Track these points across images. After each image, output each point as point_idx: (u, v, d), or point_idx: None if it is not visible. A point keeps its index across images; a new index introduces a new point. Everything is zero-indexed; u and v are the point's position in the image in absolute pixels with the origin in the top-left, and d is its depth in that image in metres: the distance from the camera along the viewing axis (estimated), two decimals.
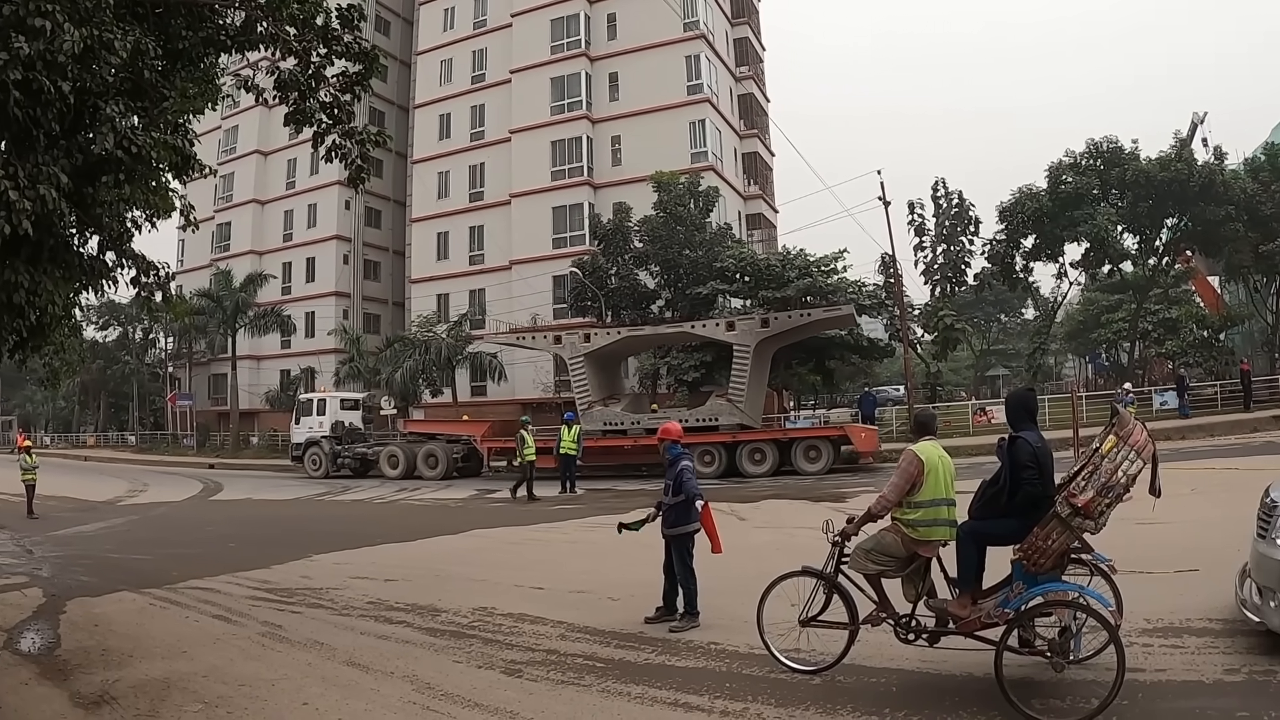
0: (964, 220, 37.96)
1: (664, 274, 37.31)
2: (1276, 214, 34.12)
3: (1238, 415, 29.90)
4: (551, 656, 7.18)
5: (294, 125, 8.48)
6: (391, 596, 9.88)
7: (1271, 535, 5.91)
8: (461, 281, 47.05)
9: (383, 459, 29.82)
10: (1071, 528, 5.39)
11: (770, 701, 5.80)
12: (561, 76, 45.42)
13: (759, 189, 48.56)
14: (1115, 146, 34.75)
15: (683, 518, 8.15)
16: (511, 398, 42.34)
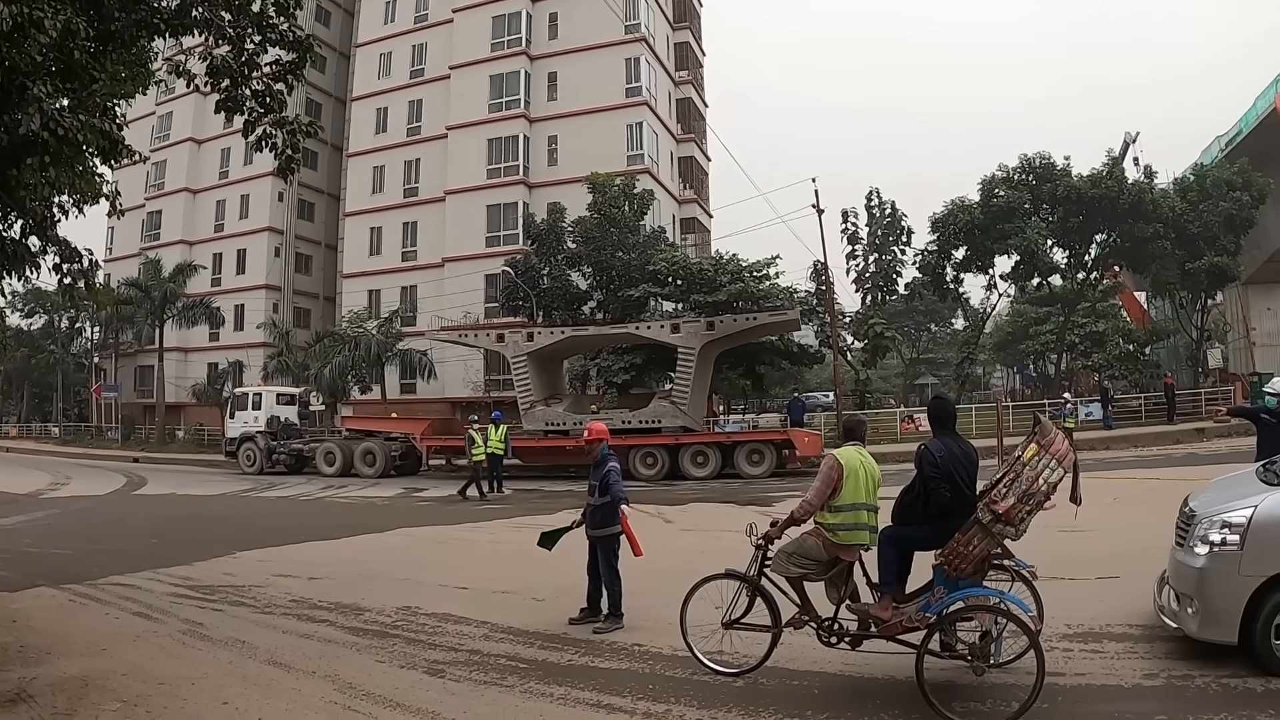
0: (896, 230, 38.33)
1: (596, 275, 37.05)
2: (1203, 233, 34.81)
3: (1161, 427, 30.50)
4: (475, 657, 7.15)
5: (225, 113, 8.28)
6: (315, 595, 9.79)
7: (1189, 544, 6.12)
8: (394, 278, 46.34)
9: (319, 456, 29.18)
10: (993, 534, 5.47)
11: (693, 703, 5.83)
12: (501, 74, 45.05)
13: (694, 193, 48.57)
14: (1048, 162, 35.21)
15: (609, 519, 8.14)
16: (441, 396, 41.86)
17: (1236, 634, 5.78)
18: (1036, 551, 6.39)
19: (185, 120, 53.86)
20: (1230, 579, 5.80)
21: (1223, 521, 5.96)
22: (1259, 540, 5.78)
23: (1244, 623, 5.75)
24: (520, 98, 44.41)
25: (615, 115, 42.65)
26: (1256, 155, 38.54)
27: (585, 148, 41.56)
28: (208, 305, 46.53)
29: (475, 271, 41.88)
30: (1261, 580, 5.72)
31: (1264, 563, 5.74)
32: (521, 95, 44.43)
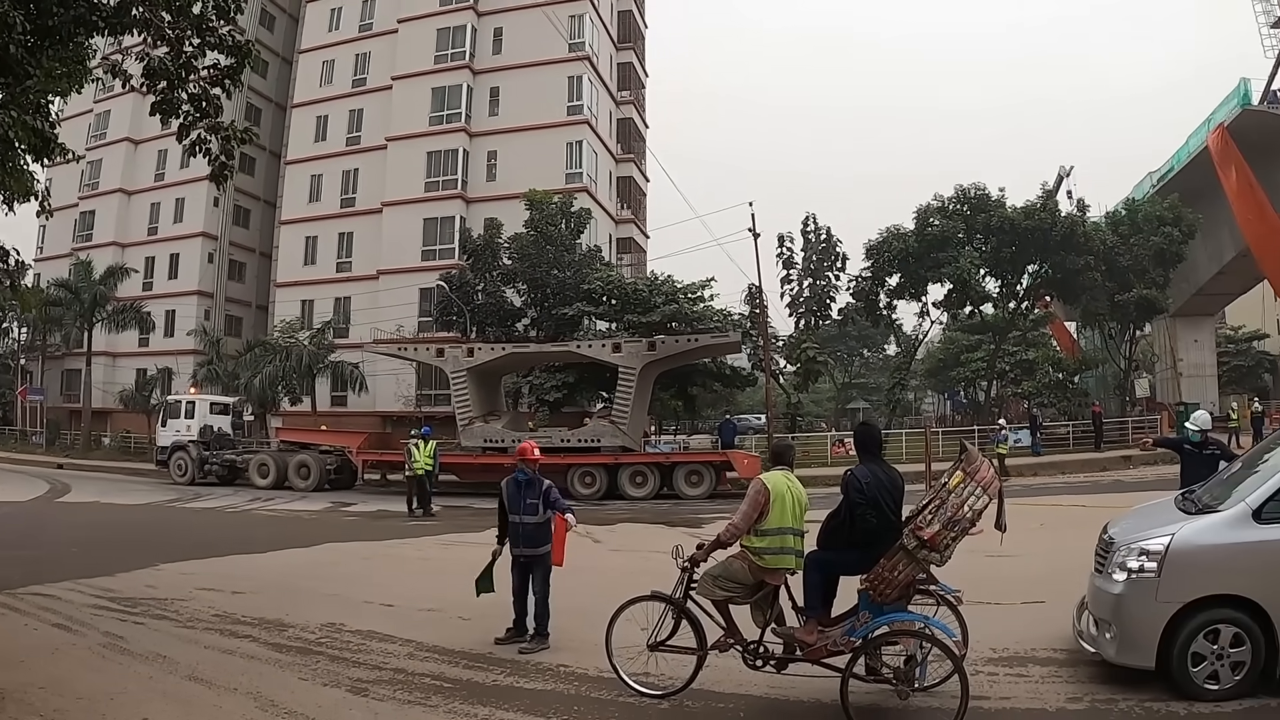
0: (831, 256, 38.50)
1: (531, 293, 36.79)
2: (1133, 266, 35.54)
3: (1089, 454, 31.00)
4: (399, 675, 7.07)
5: (161, 115, 8.13)
6: (238, 609, 9.64)
7: (1108, 570, 6.33)
8: (327, 288, 45.59)
9: (252, 467, 28.46)
10: (918, 560, 5.56)
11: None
12: (443, 87, 44.68)
13: (631, 213, 48.51)
14: (982, 193, 35.49)
15: (545, 537, 8.13)
16: (372, 409, 41.25)
17: (1154, 659, 5.95)
18: (963, 576, 6.44)
19: (123, 120, 52.40)
20: (1148, 605, 6.00)
21: (1140, 549, 6.14)
22: (1175, 567, 5.98)
23: (1161, 647, 5.92)
24: (462, 111, 44.05)
25: (556, 133, 42.47)
26: (1187, 191, 39.52)
27: (525, 164, 41.30)
28: (138, 309, 45.30)
29: (410, 285, 41.37)
30: (1178, 606, 5.90)
31: (1180, 589, 5.94)
32: (463, 109, 44.09)
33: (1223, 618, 5.86)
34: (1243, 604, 5.85)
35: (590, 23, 44.59)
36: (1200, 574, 5.98)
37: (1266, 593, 5.79)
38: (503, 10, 45.24)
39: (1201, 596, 5.91)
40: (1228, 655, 5.85)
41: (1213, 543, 6.03)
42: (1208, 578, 5.96)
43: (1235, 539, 5.96)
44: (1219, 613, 5.87)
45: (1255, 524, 5.95)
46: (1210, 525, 6.15)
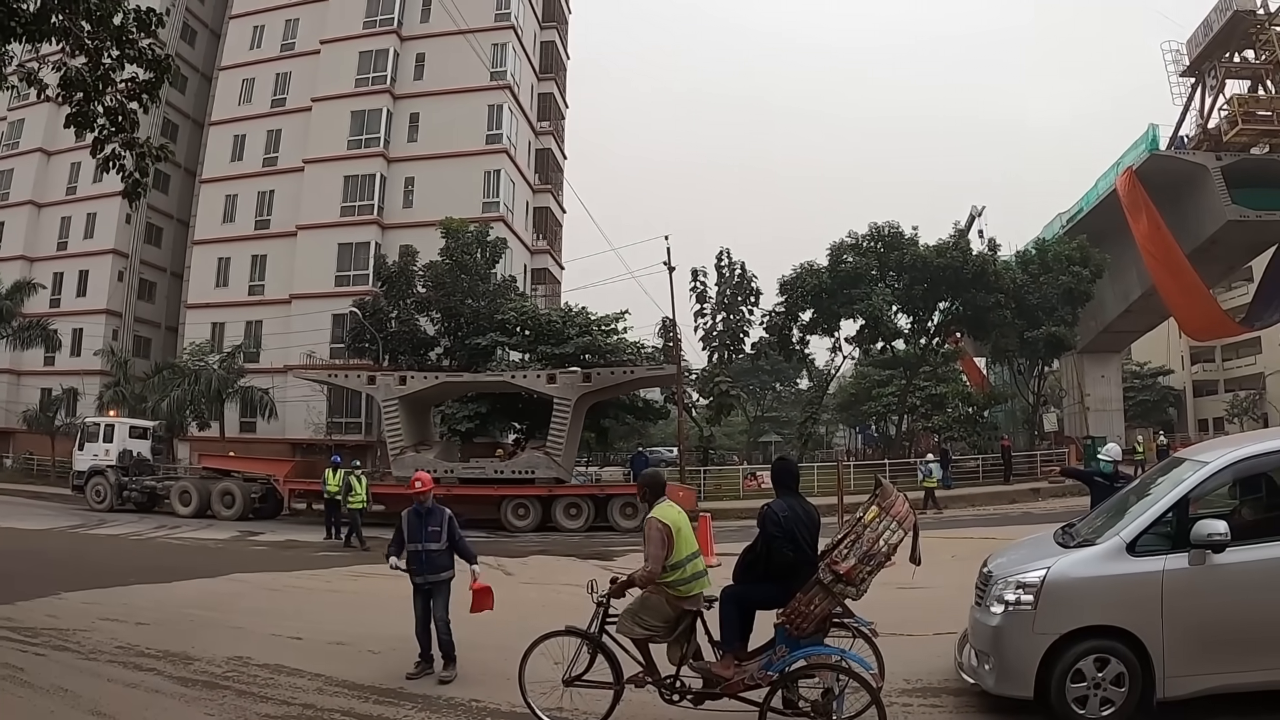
0: (745, 290, 38.74)
1: (445, 321, 36.40)
2: (1042, 304, 36.37)
3: (998, 487, 31.64)
4: (308, 711, 6.91)
5: (75, 128, 7.93)
6: (142, 641, 9.31)
7: (986, 603, 6.46)
8: (239, 311, 44.35)
9: (174, 495, 27.39)
10: (834, 594, 5.63)
11: None
12: (363, 111, 44.19)
13: (547, 244, 48.48)
14: (896, 231, 36.06)
15: (447, 563, 8.16)
16: (282, 436, 40.38)
17: (1032, 688, 6.06)
18: (877, 608, 6.51)
19: (37, 130, 50.49)
20: (1025, 636, 6.11)
21: (1018, 582, 6.26)
22: (1051, 599, 6.10)
23: (1039, 678, 6.02)
24: (380, 136, 43.63)
25: (474, 161, 42.30)
26: (1095, 232, 40.76)
27: (442, 191, 41.05)
28: (44, 327, 43.61)
29: (323, 310, 40.70)
30: (1055, 638, 6.01)
31: (1056, 621, 6.06)
32: (382, 134, 43.67)
33: (1099, 648, 5.99)
34: (1119, 634, 5.99)
35: (513, 52, 44.55)
36: (1076, 606, 6.11)
37: (1141, 623, 5.94)
38: (426, 36, 44.94)
39: (1078, 628, 6.04)
40: (1105, 685, 5.99)
41: (1087, 575, 6.18)
42: (1083, 609, 6.10)
43: (1109, 571, 6.12)
44: (1095, 643, 6.00)
45: (1129, 556, 6.11)
46: (1085, 558, 6.29)
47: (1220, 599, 5.94)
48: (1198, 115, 42.70)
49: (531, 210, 47.68)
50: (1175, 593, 5.91)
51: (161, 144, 8.42)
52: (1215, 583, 5.93)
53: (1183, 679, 5.93)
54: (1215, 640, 5.93)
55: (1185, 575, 5.93)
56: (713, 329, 38.61)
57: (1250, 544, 6.01)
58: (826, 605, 5.69)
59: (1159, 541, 6.13)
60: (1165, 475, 6.93)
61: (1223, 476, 6.46)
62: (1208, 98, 42.38)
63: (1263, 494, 6.93)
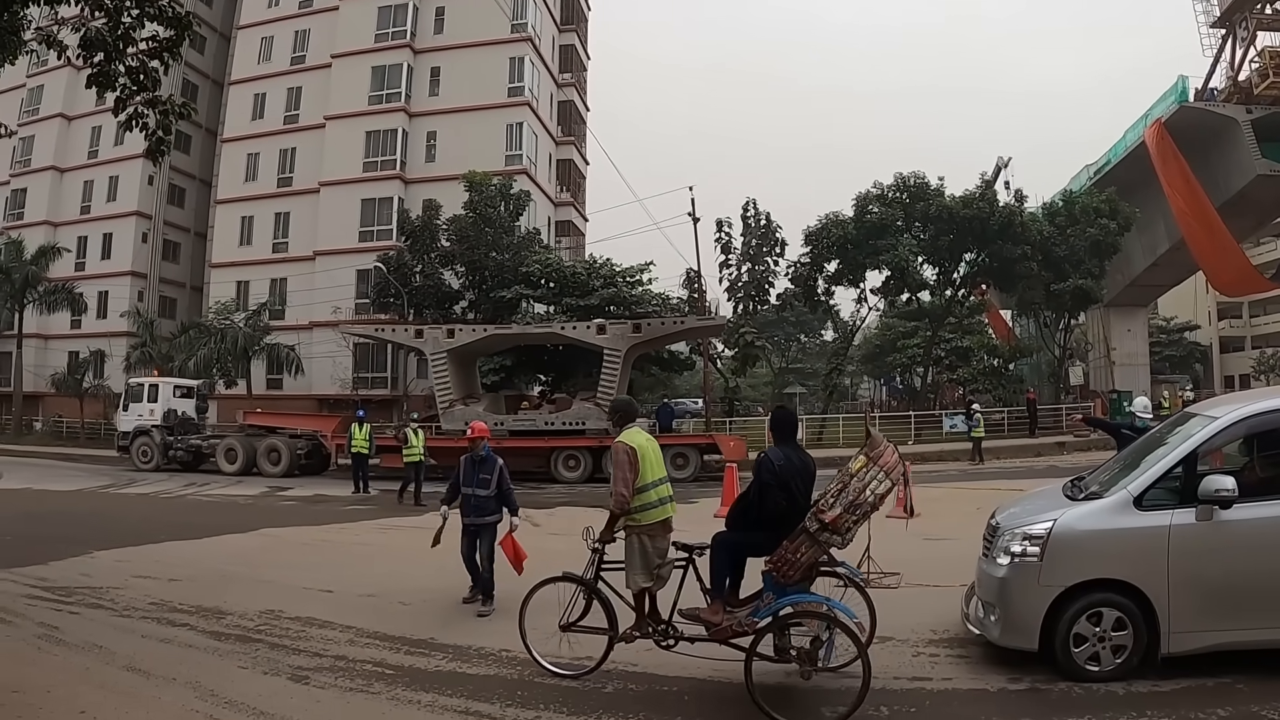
0: (770, 241, 38.36)
1: (469, 275, 36.47)
2: (1069, 256, 35.89)
3: (1023, 440, 31.43)
4: (340, 663, 6.94)
5: (97, 89, 7.84)
6: (175, 597, 9.35)
7: (993, 555, 6.47)
8: (263, 269, 44.61)
9: (220, 452, 27.43)
10: (819, 542, 5.65)
11: (562, 710, 5.78)
12: (383, 66, 43.96)
13: (571, 196, 48.37)
14: (921, 181, 35.60)
15: (493, 508, 8.65)
16: (308, 392, 40.60)
17: (1037, 641, 6.08)
18: (904, 559, 6.61)
19: (56, 95, 50.70)
20: (1030, 589, 6.13)
21: (1024, 534, 6.25)
22: (1057, 552, 6.10)
23: (1044, 630, 6.05)
24: (401, 91, 43.44)
25: (496, 114, 42.07)
26: (1124, 185, 40.09)
27: (464, 145, 40.90)
28: (70, 290, 44.11)
29: (347, 266, 40.77)
30: (1060, 590, 6.03)
31: (1062, 573, 6.07)
32: (403, 88, 43.48)
33: (1104, 601, 6.00)
34: (1124, 588, 5.98)
35: (533, 3, 44.23)
36: (1081, 559, 6.11)
37: (1146, 577, 5.94)
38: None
39: (1083, 581, 6.04)
40: (1110, 638, 5.99)
41: (1094, 528, 6.16)
42: (1089, 562, 6.10)
43: (1116, 525, 6.10)
44: (1101, 596, 6.01)
45: (1136, 511, 6.08)
46: (1092, 511, 6.27)
47: (1227, 556, 5.92)
48: (1228, 67, 41.72)
49: (554, 162, 47.53)
50: (1182, 548, 5.91)
51: (183, 101, 8.34)
52: (1222, 539, 5.91)
53: (1188, 635, 5.93)
54: (1221, 597, 5.91)
55: (1192, 531, 5.91)
56: (738, 280, 38.32)
57: (1259, 501, 5.99)
58: (813, 553, 5.72)
59: (1166, 496, 6.11)
60: (1175, 430, 6.87)
61: (1232, 432, 6.43)
62: (1238, 50, 41.46)
63: (1274, 451, 6.81)
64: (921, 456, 27.42)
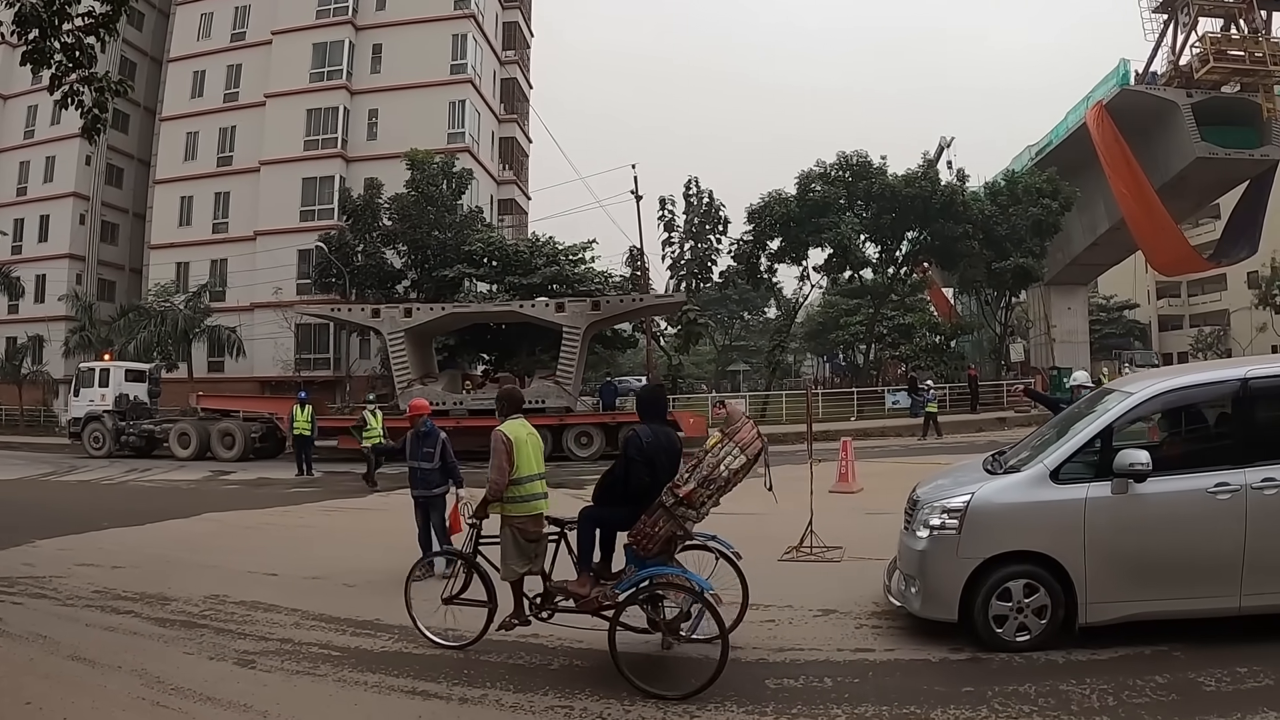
0: (713, 219, 38.56)
1: (411, 254, 36.25)
2: (1010, 235, 36.31)
3: (965, 416, 31.86)
4: (286, 645, 6.98)
5: (31, 65, 7.75)
6: (119, 585, 9.32)
7: (913, 528, 6.62)
8: (203, 250, 43.80)
9: (173, 437, 26.81)
10: (675, 516, 5.77)
11: (509, 688, 5.84)
12: (325, 43, 43.38)
13: (513, 174, 48.19)
14: (864, 160, 35.81)
15: (438, 480, 8.88)
16: (250, 374, 40.16)
17: (956, 612, 6.22)
18: (847, 534, 7.12)
19: None
20: (949, 560, 6.26)
21: (943, 508, 6.40)
22: (974, 525, 6.23)
23: (963, 601, 6.19)
24: (343, 68, 42.95)
25: (438, 92, 41.84)
26: (1065, 165, 40.67)
27: (406, 123, 40.48)
28: (7, 274, 43.17)
29: (288, 246, 40.26)
30: (978, 562, 6.15)
31: (980, 545, 6.19)
32: (344, 66, 42.97)
33: (1022, 573, 6.11)
34: (1042, 560, 6.09)
35: None
36: (999, 531, 6.22)
37: (1063, 549, 6.05)
38: None
39: (1001, 553, 6.15)
40: (1027, 609, 6.11)
41: (1011, 501, 6.30)
42: (1006, 535, 6.21)
43: (1032, 498, 6.22)
44: (1019, 568, 6.12)
45: (1052, 484, 6.20)
46: (1009, 484, 6.40)
47: (1141, 528, 6.04)
48: (1169, 52, 42.40)
49: (497, 140, 47.30)
50: (1097, 521, 6.03)
51: (119, 79, 8.26)
52: (1136, 512, 6.03)
53: (1104, 605, 6.06)
54: (1135, 568, 6.05)
55: (1108, 503, 6.04)
56: (680, 258, 38.49)
57: (1171, 475, 6.11)
58: (670, 527, 5.81)
59: (1083, 470, 6.23)
60: (1094, 406, 6.99)
61: (1145, 408, 6.54)
62: (1180, 34, 42.13)
63: (1182, 426, 7.05)
64: (864, 432, 27.75)
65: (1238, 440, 6.27)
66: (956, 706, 5.23)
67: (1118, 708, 5.16)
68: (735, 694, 5.51)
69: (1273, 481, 5.92)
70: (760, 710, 5.29)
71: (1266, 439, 6.18)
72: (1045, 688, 5.47)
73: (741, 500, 6.70)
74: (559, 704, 5.51)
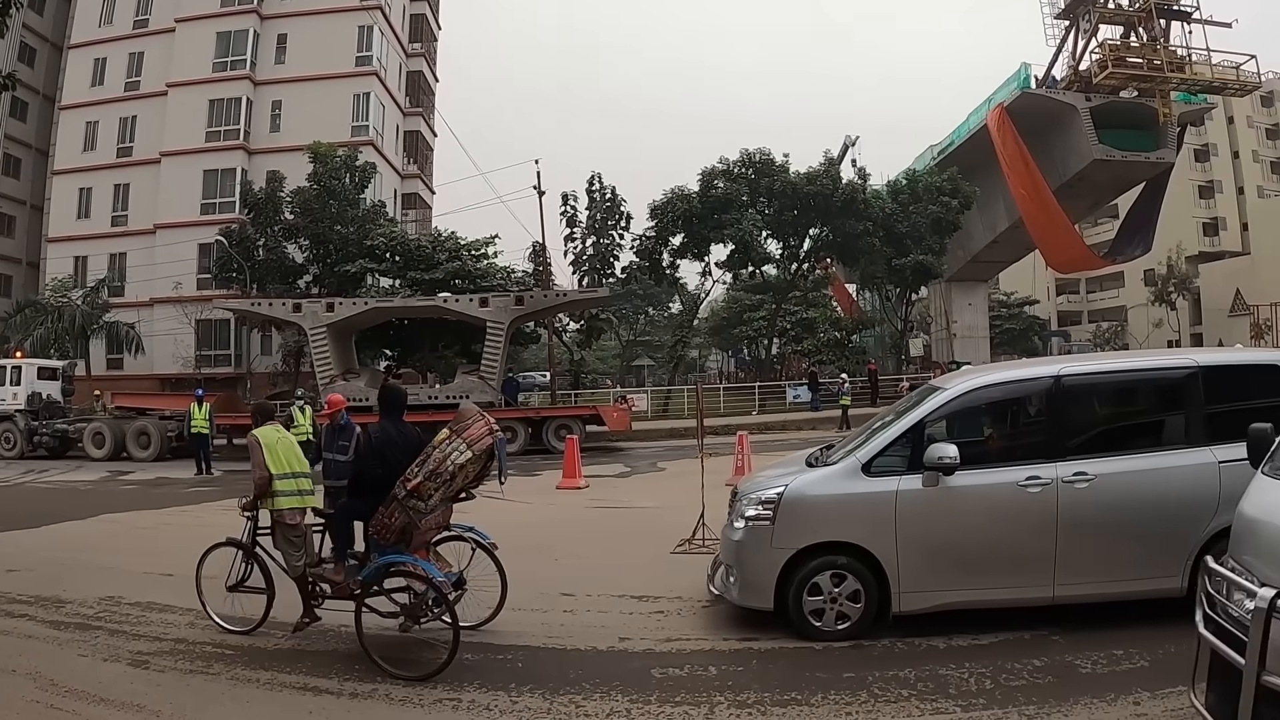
0: (616, 215, 38.81)
1: (314, 248, 35.97)
2: (910, 233, 37.30)
3: (866, 410, 32.35)
4: (180, 645, 7.00)
5: None
6: (13, 588, 9.15)
7: (732, 519, 6.83)
8: (103, 243, 42.78)
9: (87, 437, 26.06)
10: (407, 508, 6.06)
11: (398, 682, 5.91)
12: (229, 32, 42.62)
13: (418, 168, 48.06)
14: (767, 158, 36.40)
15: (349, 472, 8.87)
16: (150, 372, 39.38)
17: (772, 601, 6.41)
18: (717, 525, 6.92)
19: None
20: (764, 551, 6.43)
21: (759, 499, 6.60)
22: (788, 516, 6.43)
23: (779, 591, 6.36)
24: (247, 58, 42.23)
25: (343, 84, 41.48)
26: (966, 165, 41.78)
27: (310, 115, 40.04)
28: None
29: (189, 240, 39.43)
30: (791, 552, 6.33)
31: (793, 536, 6.38)
32: (248, 55, 42.29)
33: (835, 563, 6.31)
34: (855, 550, 6.31)
35: None
36: (811, 522, 6.43)
37: (875, 540, 6.27)
38: None
39: (814, 543, 6.36)
40: (841, 599, 6.32)
41: (823, 493, 6.53)
42: (819, 526, 6.42)
43: (844, 490, 6.44)
44: (832, 559, 6.32)
45: (864, 476, 6.43)
46: (822, 477, 6.64)
47: (950, 520, 6.26)
48: (1070, 57, 43.66)
49: (402, 134, 47.10)
50: (909, 513, 6.24)
51: (8, 73, 8.23)
52: (946, 504, 6.24)
53: (916, 595, 6.27)
54: (945, 559, 6.25)
55: (919, 496, 6.24)
56: (583, 253, 38.66)
57: (978, 469, 6.36)
58: (403, 518, 6.09)
59: (896, 463, 6.44)
60: (916, 402, 7.20)
61: (956, 404, 6.73)
62: (1080, 40, 43.43)
63: (998, 422, 7.35)
64: (765, 426, 28.39)
65: (1051, 435, 6.55)
66: (837, 692, 5.42)
67: (995, 690, 5.35)
68: (621, 684, 5.68)
69: (1084, 475, 6.14)
70: (645, 699, 5.44)
71: (1078, 434, 6.50)
72: (925, 672, 5.65)
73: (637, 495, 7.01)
74: (447, 697, 5.65)
